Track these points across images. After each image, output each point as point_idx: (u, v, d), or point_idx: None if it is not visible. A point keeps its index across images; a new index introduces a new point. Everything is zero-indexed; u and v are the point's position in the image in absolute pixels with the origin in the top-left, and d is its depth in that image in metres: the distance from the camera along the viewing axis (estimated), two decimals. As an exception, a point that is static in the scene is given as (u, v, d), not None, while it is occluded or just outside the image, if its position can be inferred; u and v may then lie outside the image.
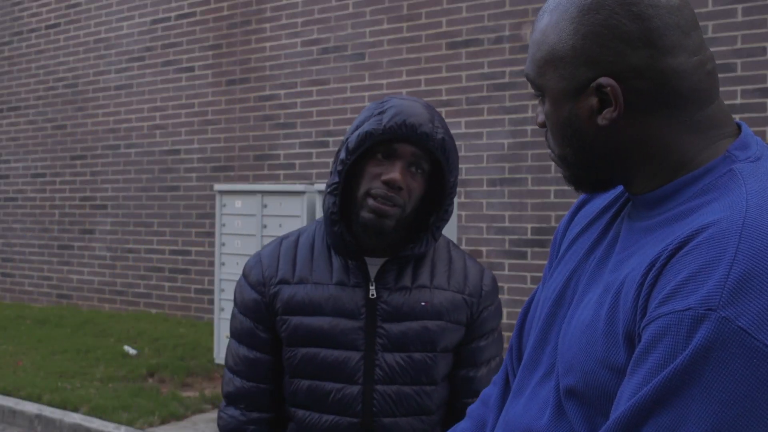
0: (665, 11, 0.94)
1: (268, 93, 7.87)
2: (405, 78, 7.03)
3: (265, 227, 5.65)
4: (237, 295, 1.75)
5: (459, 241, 6.53)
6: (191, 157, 8.37)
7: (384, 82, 7.15)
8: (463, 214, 6.61)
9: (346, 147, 1.62)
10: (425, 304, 1.66)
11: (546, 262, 1.28)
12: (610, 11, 0.95)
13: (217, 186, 5.95)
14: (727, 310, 0.79)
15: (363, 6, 7.29)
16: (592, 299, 0.99)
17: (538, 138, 6.33)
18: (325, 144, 7.47)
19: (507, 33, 6.54)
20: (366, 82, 7.26)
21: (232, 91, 8.11)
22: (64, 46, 9.51)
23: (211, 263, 8.04)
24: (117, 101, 8.99)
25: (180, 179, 8.44)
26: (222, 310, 5.91)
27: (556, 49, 0.99)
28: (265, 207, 5.65)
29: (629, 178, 1.02)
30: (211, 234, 8.02)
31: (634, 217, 1.02)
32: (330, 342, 1.64)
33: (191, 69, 8.39)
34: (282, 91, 7.77)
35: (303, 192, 5.45)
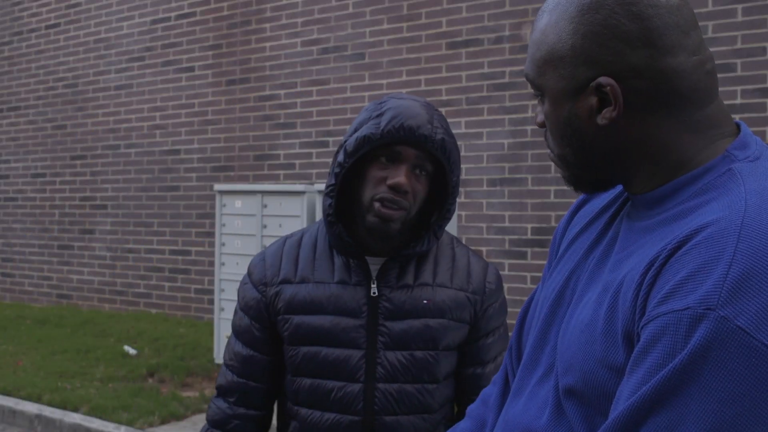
0: (665, 11, 0.94)
1: (268, 93, 7.87)
2: (405, 78, 7.03)
3: (265, 227, 5.64)
4: (240, 292, 1.77)
5: (459, 241, 6.52)
6: (191, 157, 8.37)
7: (384, 82, 7.14)
8: (464, 214, 6.61)
9: (344, 150, 1.62)
10: (427, 302, 1.66)
11: (546, 261, 1.28)
12: (609, 11, 0.95)
13: (217, 186, 5.94)
14: (726, 309, 0.79)
15: (363, 6, 7.29)
16: (591, 299, 0.99)
17: (538, 138, 6.33)
18: (325, 144, 7.47)
19: (507, 33, 6.54)
20: (366, 82, 7.26)
21: (232, 91, 8.11)
22: (64, 46, 9.51)
23: (211, 263, 8.04)
24: (117, 101, 8.99)
25: (180, 179, 8.44)
26: (222, 310, 5.90)
27: (555, 49, 0.99)
28: (265, 207, 5.65)
29: (628, 177, 1.02)
30: (211, 234, 8.02)
31: (633, 217, 1.02)
32: (331, 340, 1.64)
33: (191, 69, 8.39)
34: (282, 91, 7.77)
35: (303, 192, 5.45)
